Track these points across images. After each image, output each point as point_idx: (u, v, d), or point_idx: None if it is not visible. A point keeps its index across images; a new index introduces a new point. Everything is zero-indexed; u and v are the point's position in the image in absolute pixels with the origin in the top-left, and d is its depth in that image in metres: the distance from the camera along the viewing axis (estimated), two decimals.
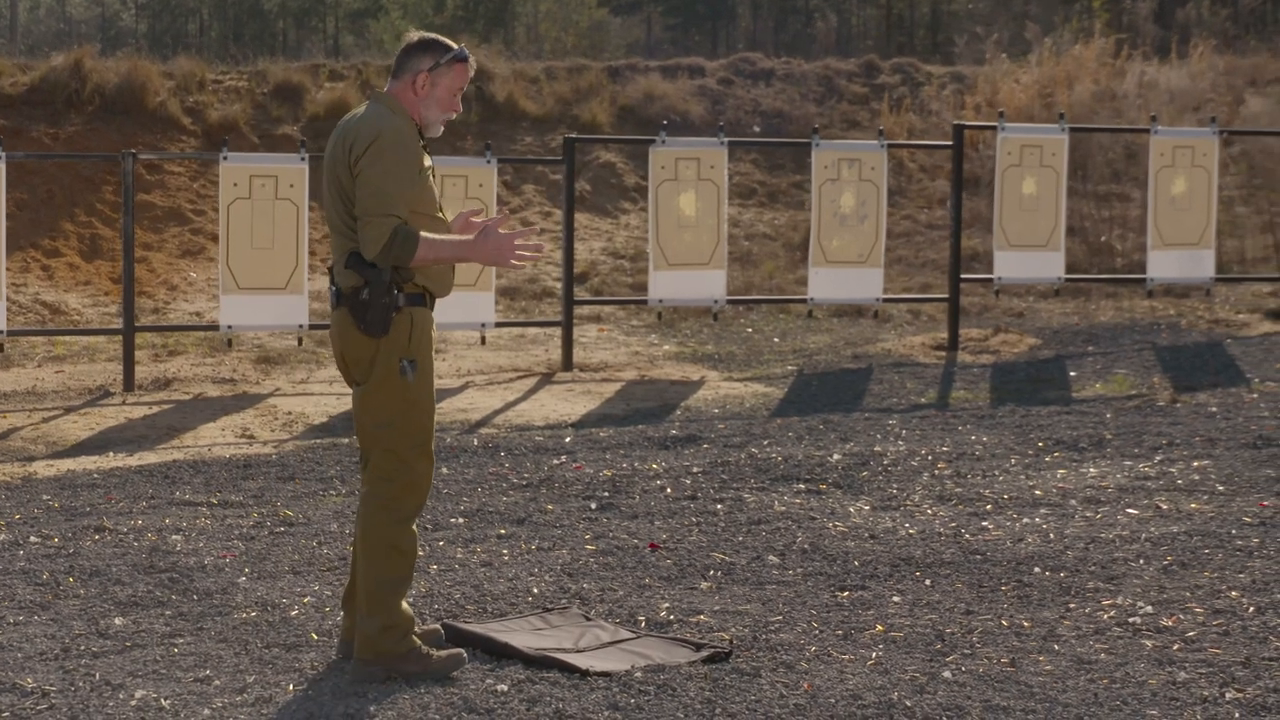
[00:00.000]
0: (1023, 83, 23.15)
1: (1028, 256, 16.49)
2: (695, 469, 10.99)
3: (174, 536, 9.16)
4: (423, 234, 6.51)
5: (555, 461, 11.35)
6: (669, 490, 10.37)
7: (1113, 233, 19.85)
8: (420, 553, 8.87)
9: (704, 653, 6.84)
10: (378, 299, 6.50)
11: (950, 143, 16.73)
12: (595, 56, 29.69)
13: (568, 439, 12.20)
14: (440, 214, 6.74)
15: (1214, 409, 13.24)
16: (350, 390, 7.04)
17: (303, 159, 14.83)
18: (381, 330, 6.53)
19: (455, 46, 6.72)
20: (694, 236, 15.69)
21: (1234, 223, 19.95)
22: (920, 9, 50.33)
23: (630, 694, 6.35)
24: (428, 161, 6.69)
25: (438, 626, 7.10)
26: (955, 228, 16.48)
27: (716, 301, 15.89)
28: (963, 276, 16.61)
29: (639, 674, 6.57)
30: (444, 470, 11.10)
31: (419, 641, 6.74)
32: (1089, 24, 29.41)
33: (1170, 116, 20.84)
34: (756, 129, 23.31)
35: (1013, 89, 22.99)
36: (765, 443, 12.00)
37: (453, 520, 9.63)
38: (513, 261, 6.69)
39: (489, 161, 15.32)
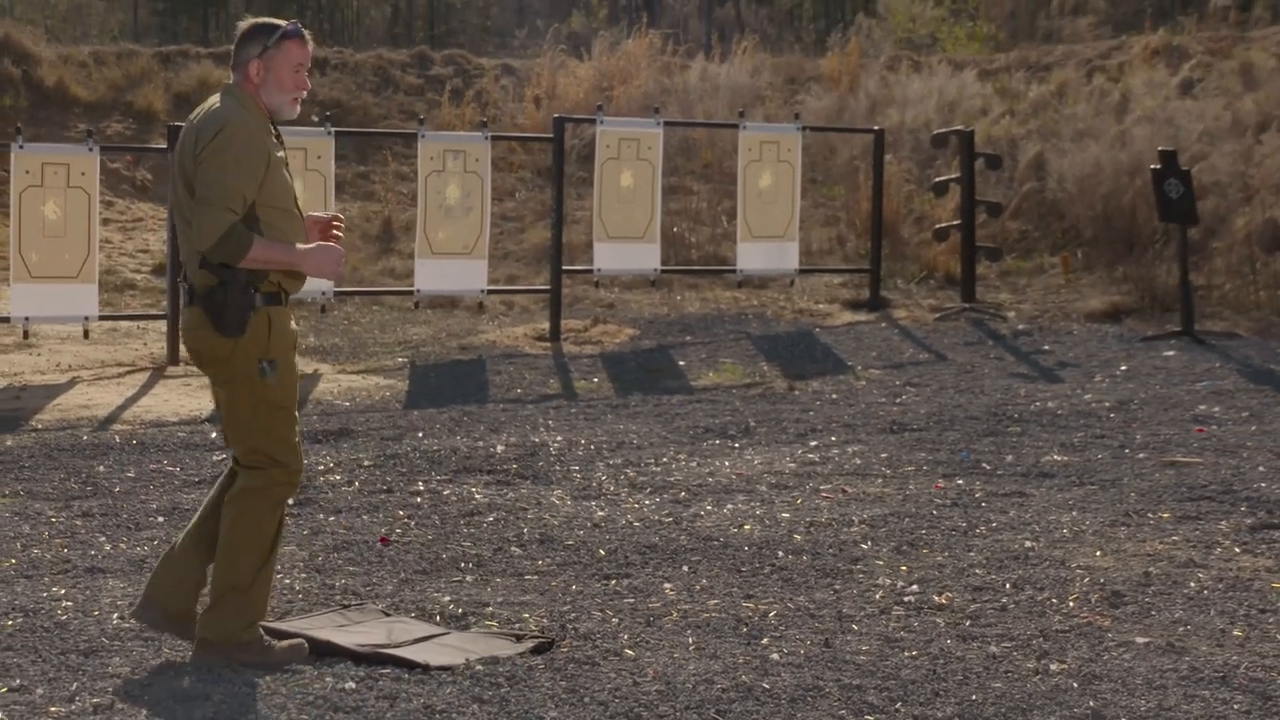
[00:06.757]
0: (579, 76, 23.46)
1: (625, 248, 16.79)
2: (366, 462, 10.88)
3: None
4: (257, 238, 6.40)
5: (217, 457, 11.08)
6: (355, 484, 10.25)
7: (684, 225, 20.30)
8: (140, 551, 8.61)
9: (527, 644, 6.81)
10: (234, 299, 6.40)
11: (551, 135, 16.89)
12: (82, 42, 28.73)
13: (213, 434, 11.90)
14: (295, 207, 6.64)
15: (834, 396, 13.74)
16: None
17: None
18: (238, 331, 6.44)
19: (282, 24, 6.61)
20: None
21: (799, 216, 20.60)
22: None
23: (484, 687, 6.29)
24: (280, 153, 6.58)
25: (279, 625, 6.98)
26: (556, 219, 16.65)
27: (325, 294, 15.69)
28: (565, 268, 16.78)
29: (479, 667, 6.51)
30: (100, 468, 10.74)
31: (262, 632, 6.65)
32: (598, 20, 29.99)
33: (729, 113, 21.43)
34: (315, 119, 22.98)
35: (570, 82, 23.28)
36: (419, 435, 11.94)
37: (152, 519, 9.33)
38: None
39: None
